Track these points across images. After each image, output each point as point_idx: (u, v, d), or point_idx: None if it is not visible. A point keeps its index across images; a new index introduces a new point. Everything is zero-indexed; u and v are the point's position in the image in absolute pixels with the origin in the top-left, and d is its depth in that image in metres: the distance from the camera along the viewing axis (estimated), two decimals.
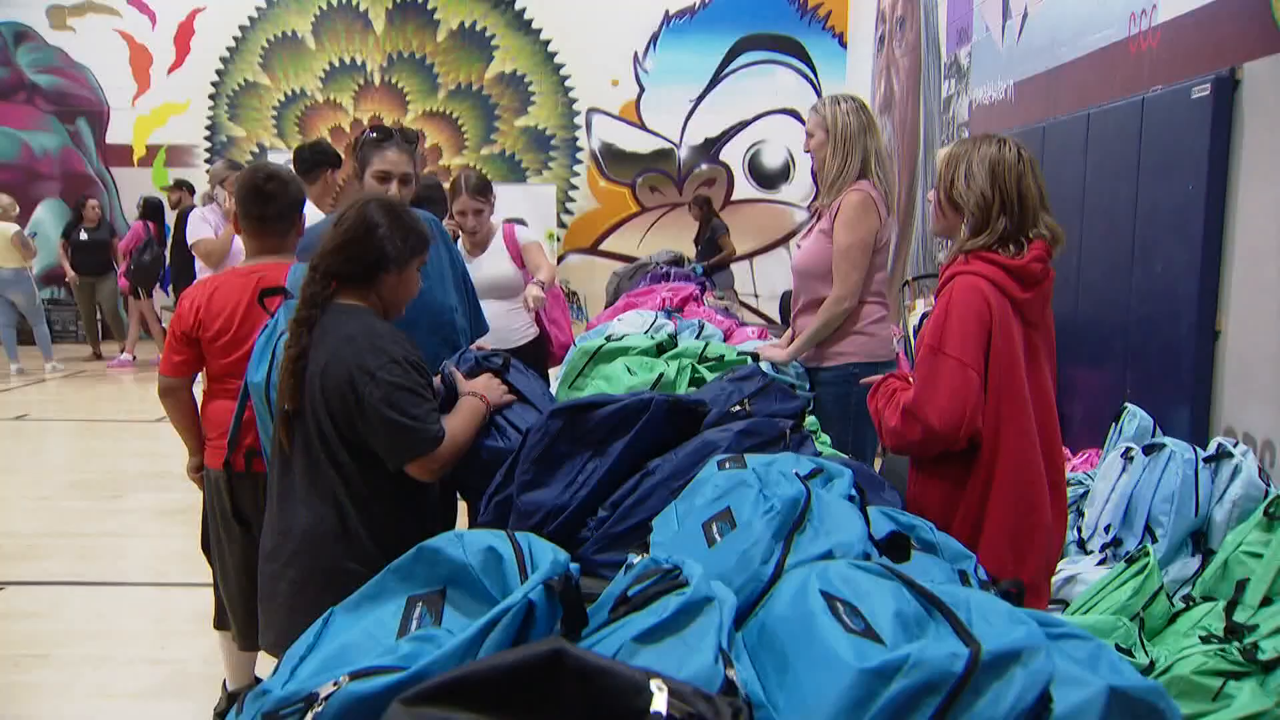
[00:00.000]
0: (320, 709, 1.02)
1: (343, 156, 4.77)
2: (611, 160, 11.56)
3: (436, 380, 2.28)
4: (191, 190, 8.87)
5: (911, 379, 2.23)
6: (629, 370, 2.63)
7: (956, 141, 2.30)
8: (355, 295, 2.13)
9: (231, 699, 2.84)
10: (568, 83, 11.49)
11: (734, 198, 11.31)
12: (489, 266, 3.90)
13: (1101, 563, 3.35)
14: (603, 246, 11.63)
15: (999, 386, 2.10)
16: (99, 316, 10.51)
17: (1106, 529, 3.44)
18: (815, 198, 3.33)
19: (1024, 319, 2.16)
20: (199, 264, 5.78)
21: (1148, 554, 2.88)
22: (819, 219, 3.22)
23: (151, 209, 9.78)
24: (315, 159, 4.52)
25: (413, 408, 2.01)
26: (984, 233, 2.15)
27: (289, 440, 2.11)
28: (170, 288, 9.77)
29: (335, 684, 1.04)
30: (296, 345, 2.08)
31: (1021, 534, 2.13)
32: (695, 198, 9.91)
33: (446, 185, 4.46)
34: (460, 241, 3.93)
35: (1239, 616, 2.65)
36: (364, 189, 2.63)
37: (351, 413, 2.04)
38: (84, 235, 9.94)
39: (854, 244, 3.07)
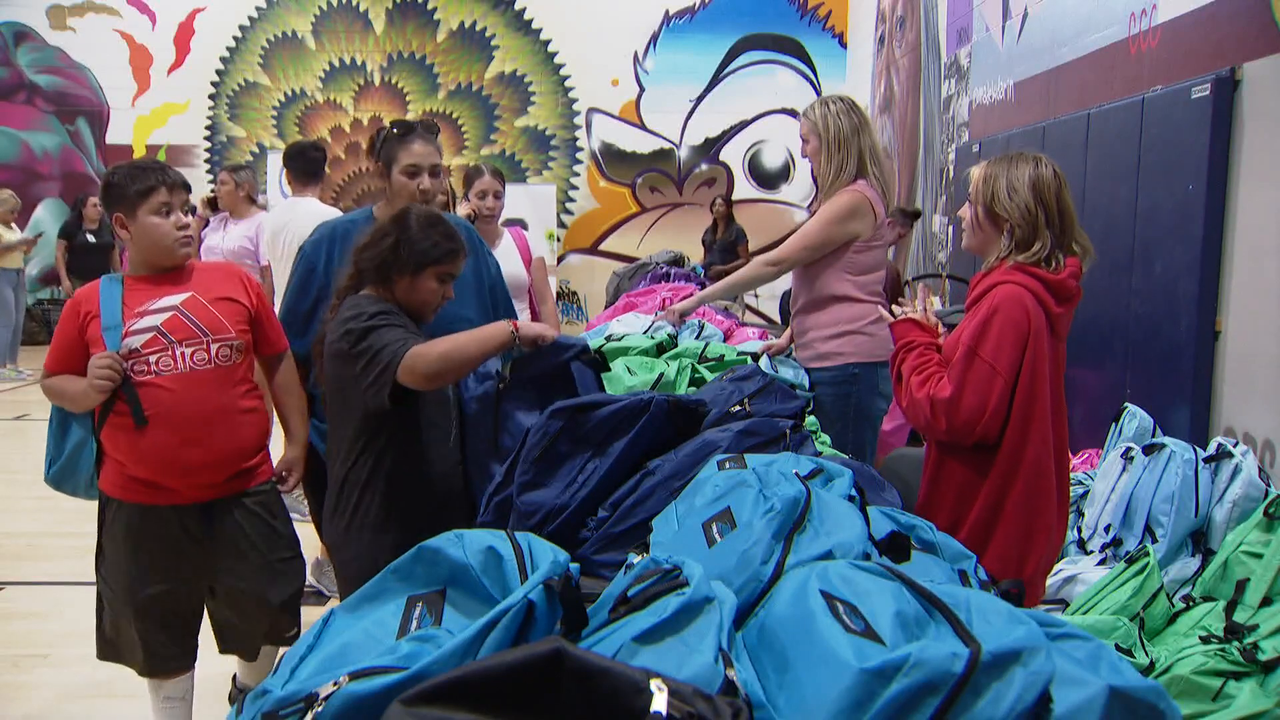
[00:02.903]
0: (320, 709, 1.02)
1: (322, 156, 4.81)
2: (611, 160, 11.56)
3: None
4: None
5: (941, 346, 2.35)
6: (629, 370, 2.63)
7: (990, 161, 2.37)
8: (377, 292, 2.23)
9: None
10: (568, 83, 11.50)
11: (734, 198, 11.32)
12: (501, 264, 3.95)
13: (1101, 563, 3.35)
14: (603, 247, 11.63)
15: (1028, 395, 2.19)
16: None
17: (1106, 529, 3.44)
18: (815, 199, 3.33)
19: (1054, 332, 2.24)
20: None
21: (1148, 554, 2.87)
22: (812, 216, 3.23)
23: None
24: (322, 160, 4.61)
25: (378, 338, 2.07)
26: (1032, 246, 2.23)
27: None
28: None
29: (335, 684, 1.04)
30: (321, 330, 2.28)
31: (1028, 534, 2.23)
32: (721, 196, 10.00)
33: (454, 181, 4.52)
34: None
35: (1239, 616, 2.65)
36: (392, 186, 2.64)
37: (347, 384, 2.14)
38: (90, 238, 9.35)
39: (821, 230, 3.07)
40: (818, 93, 11.27)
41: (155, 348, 2.35)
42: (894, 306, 2.52)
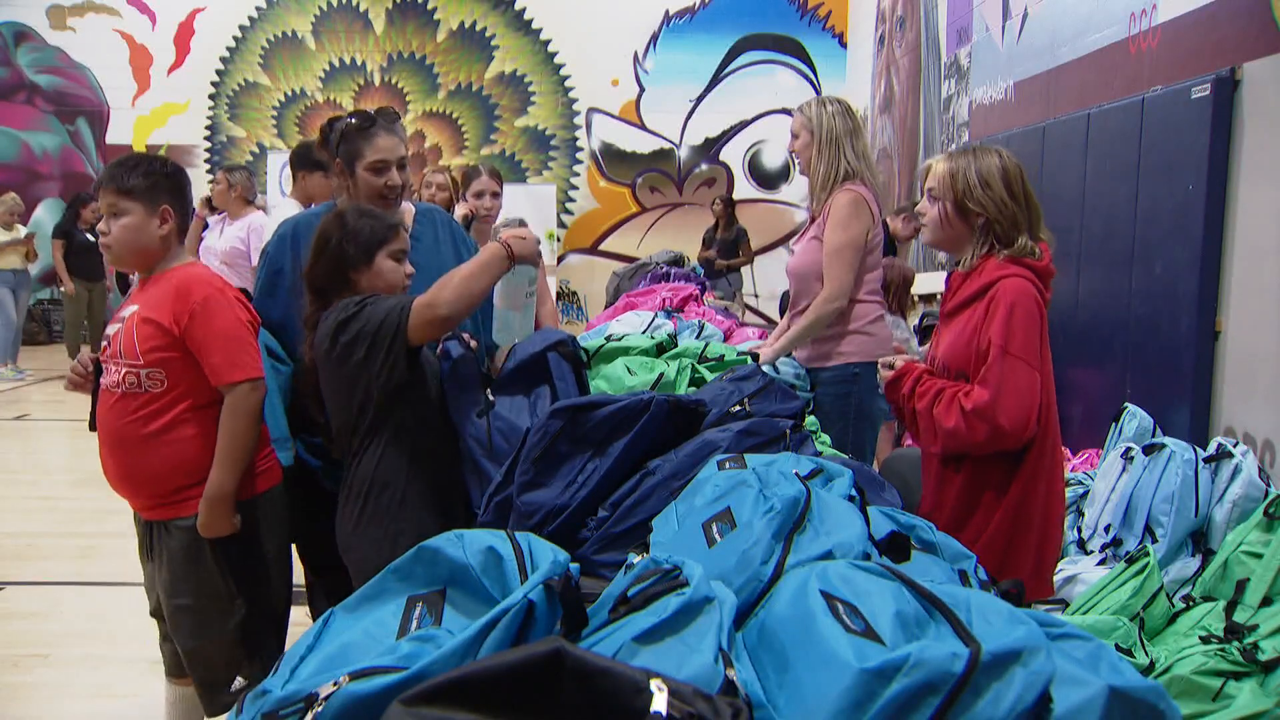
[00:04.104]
0: (320, 709, 1.02)
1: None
2: (611, 160, 11.56)
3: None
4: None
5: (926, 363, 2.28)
6: (629, 370, 2.63)
7: (947, 155, 2.29)
8: (345, 297, 2.21)
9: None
10: (568, 83, 11.50)
11: (734, 198, 11.34)
12: None
13: (1101, 563, 3.35)
14: (603, 246, 11.64)
15: (1045, 391, 2.15)
16: (85, 327, 9.67)
17: (1106, 529, 3.44)
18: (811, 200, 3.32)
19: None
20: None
21: (1148, 554, 2.87)
22: (813, 222, 3.22)
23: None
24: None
25: (369, 315, 2.07)
26: (1015, 240, 2.19)
27: (330, 442, 2.28)
28: None
29: (335, 684, 1.04)
30: (309, 356, 2.23)
31: (1045, 533, 2.20)
32: (720, 197, 10.00)
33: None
34: (470, 231, 3.93)
35: (1239, 616, 2.65)
36: (358, 184, 2.49)
37: (347, 378, 2.12)
38: (89, 237, 9.30)
39: (846, 244, 3.07)
40: (818, 93, 11.26)
41: (105, 355, 2.33)
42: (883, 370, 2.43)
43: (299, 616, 3.70)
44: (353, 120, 2.49)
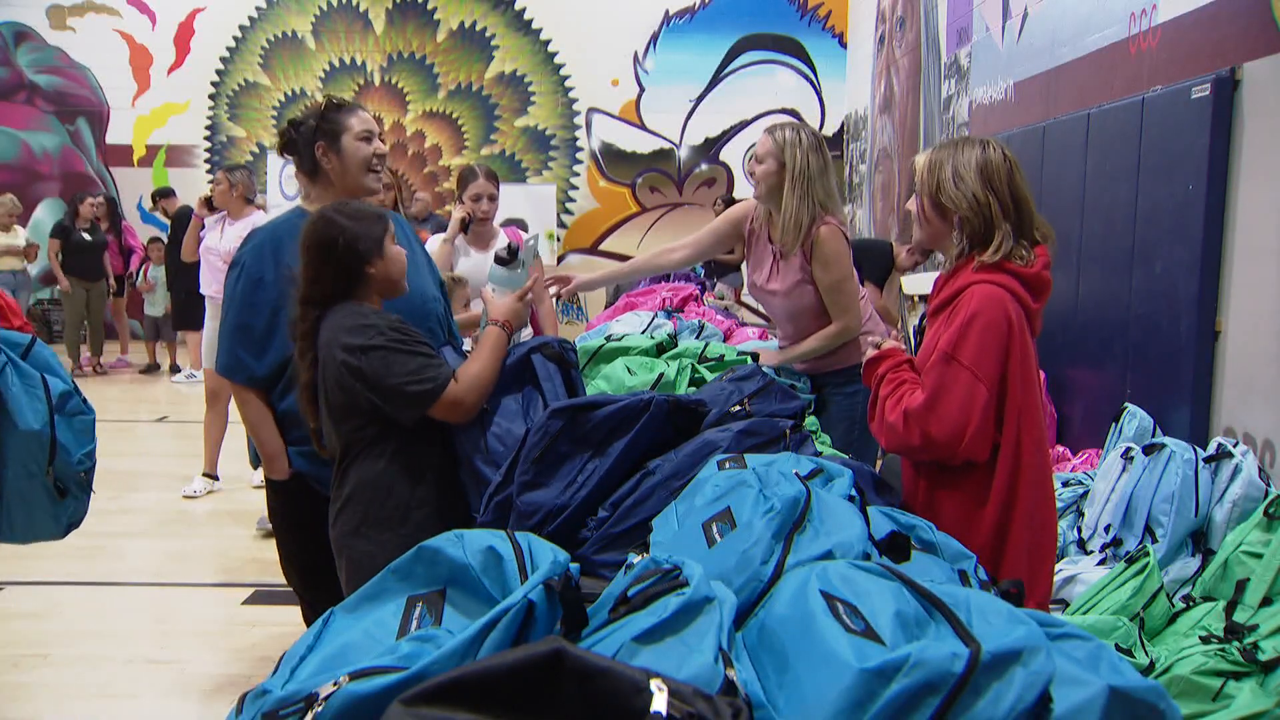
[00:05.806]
0: (320, 709, 1.02)
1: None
2: (611, 160, 11.56)
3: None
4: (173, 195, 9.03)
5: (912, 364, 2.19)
6: (629, 370, 2.63)
7: (936, 146, 2.17)
8: (354, 298, 2.16)
9: None
10: (568, 83, 11.50)
11: (735, 198, 11.33)
12: None
13: (1101, 563, 3.35)
14: (603, 247, 11.63)
15: (1020, 401, 2.03)
16: (84, 328, 9.64)
17: (1106, 529, 3.44)
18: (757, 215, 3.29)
19: (1031, 329, 2.09)
20: (203, 269, 5.77)
21: (1148, 554, 2.88)
22: (780, 257, 3.13)
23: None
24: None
25: (408, 364, 2.05)
26: (991, 240, 2.06)
27: (326, 452, 2.25)
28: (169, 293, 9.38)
29: (335, 684, 1.04)
30: (307, 373, 2.19)
31: (1037, 546, 2.09)
32: (722, 197, 10.04)
33: (449, 183, 4.49)
34: (466, 237, 3.91)
35: (1239, 616, 2.65)
36: (343, 156, 2.52)
37: (359, 403, 2.10)
38: (85, 236, 9.32)
39: (846, 276, 3.06)
40: (818, 93, 11.28)
41: None
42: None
43: (295, 617, 3.71)
44: (334, 102, 2.57)
